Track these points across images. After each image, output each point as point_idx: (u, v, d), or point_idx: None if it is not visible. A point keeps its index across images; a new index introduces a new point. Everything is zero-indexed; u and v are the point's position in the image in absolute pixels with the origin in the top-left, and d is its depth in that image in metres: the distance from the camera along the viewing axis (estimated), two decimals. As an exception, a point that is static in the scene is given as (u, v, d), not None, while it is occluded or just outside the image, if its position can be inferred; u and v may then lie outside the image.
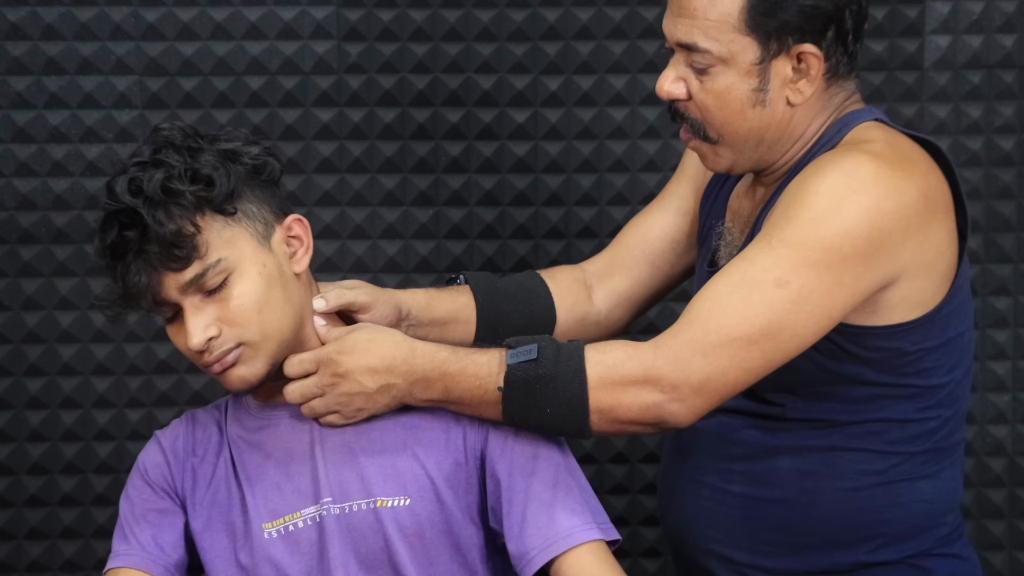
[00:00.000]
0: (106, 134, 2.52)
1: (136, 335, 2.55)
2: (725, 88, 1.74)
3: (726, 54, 1.72)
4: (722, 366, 1.66)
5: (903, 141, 1.77)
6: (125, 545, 1.76)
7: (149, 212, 1.62)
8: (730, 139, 1.78)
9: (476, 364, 1.69)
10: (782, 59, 1.73)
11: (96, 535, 2.57)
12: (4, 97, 2.50)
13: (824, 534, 1.81)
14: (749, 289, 1.66)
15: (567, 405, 1.67)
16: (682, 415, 1.67)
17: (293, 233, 1.74)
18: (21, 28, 2.49)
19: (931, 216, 1.72)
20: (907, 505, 1.80)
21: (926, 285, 1.74)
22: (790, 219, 1.68)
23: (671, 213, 2.05)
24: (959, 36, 2.53)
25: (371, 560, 1.69)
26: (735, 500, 1.84)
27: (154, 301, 1.66)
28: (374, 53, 2.53)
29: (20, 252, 2.53)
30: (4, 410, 2.55)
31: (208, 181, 1.64)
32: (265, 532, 1.71)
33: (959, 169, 2.48)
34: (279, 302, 1.69)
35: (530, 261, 2.56)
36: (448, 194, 2.56)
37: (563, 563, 1.67)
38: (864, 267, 1.67)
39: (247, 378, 1.69)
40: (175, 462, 1.79)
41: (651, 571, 2.61)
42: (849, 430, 1.79)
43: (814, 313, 1.66)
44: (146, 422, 2.56)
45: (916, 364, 1.77)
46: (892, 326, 1.74)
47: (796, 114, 1.78)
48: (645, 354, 1.67)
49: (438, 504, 1.71)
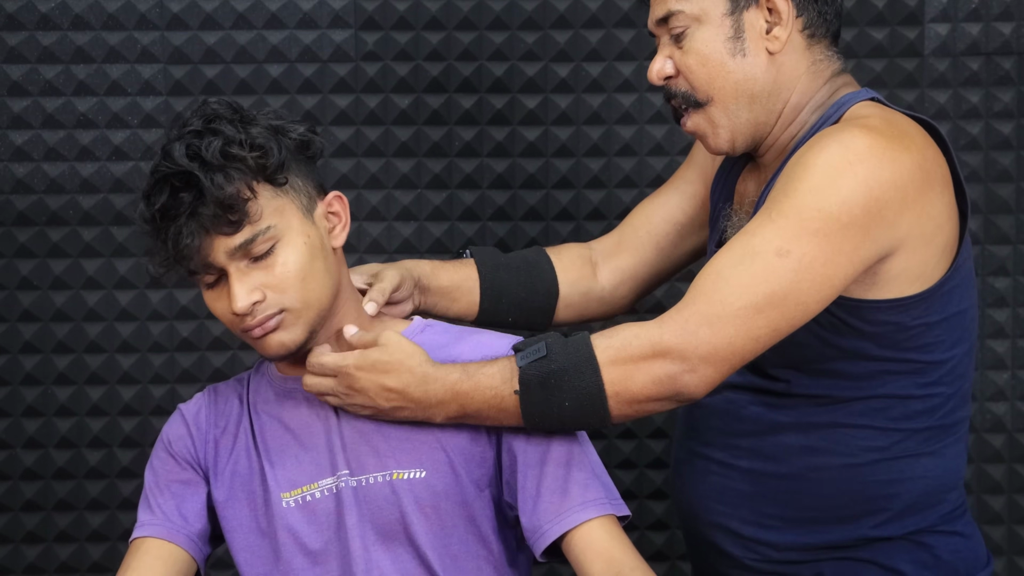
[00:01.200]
0: (131, 120, 2.58)
1: (160, 314, 2.61)
2: (702, 43, 1.81)
3: (697, 11, 1.81)
4: (728, 335, 1.68)
5: (900, 118, 1.80)
6: (150, 515, 1.80)
7: (207, 175, 1.66)
8: (719, 96, 1.82)
9: (488, 376, 1.71)
10: (753, 10, 1.81)
11: (121, 507, 2.62)
12: (34, 85, 2.57)
13: (828, 509, 1.83)
14: (752, 260, 1.69)
15: (584, 393, 1.69)
16: (695, 385, 1.69)
17: (333, 209, 1.78)
18: (51, 18, 2.56)
19: (928, 188, 1.74)
20: (910, 481, 1.82)
21: (926, 258, 1.76)
22: (788, 192, 1.71)
23: (677, 196, 2.10)
24: (958, 24, 2.58)
25: (387, 531, 1.73)
26: (742, 475, 1.87)
27: (199, 264, 1.69)
28: (390, 41, 2.59)
29: (48, 234, 2.59)
30: (33, 386, 2.61)
31: (263, 150, 1.69)
32: (283, 502, 1.75)
33: (959, 153, 2.56)
34: (320, 272, 1.73)
35: (540, 242, 2.60)
36: (461, 177, 2.62)
37: (575, 536, 1.70)
38: (863, 236, 1.70)
39: (287, 343, 1.72)
40: (198, 434, 1.83)
41: (658, 543, 2.65)
42: (852, 406, 1.81)
43: (816, 282, 1.69)
44: (169, 398, 2.61)
45: (918, 339, 1.79)
46: (893, 300, 1.76)
47: (782, 67, 1.83)
48: (651, 330, 1.70)
49: (453, 476, 1.74)
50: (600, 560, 1.68)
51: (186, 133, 1.70)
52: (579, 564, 1.70)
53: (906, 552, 1.84)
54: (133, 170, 2.59)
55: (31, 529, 2.62)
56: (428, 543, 1.73)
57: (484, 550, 1.76)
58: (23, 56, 2.57)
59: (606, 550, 1.69)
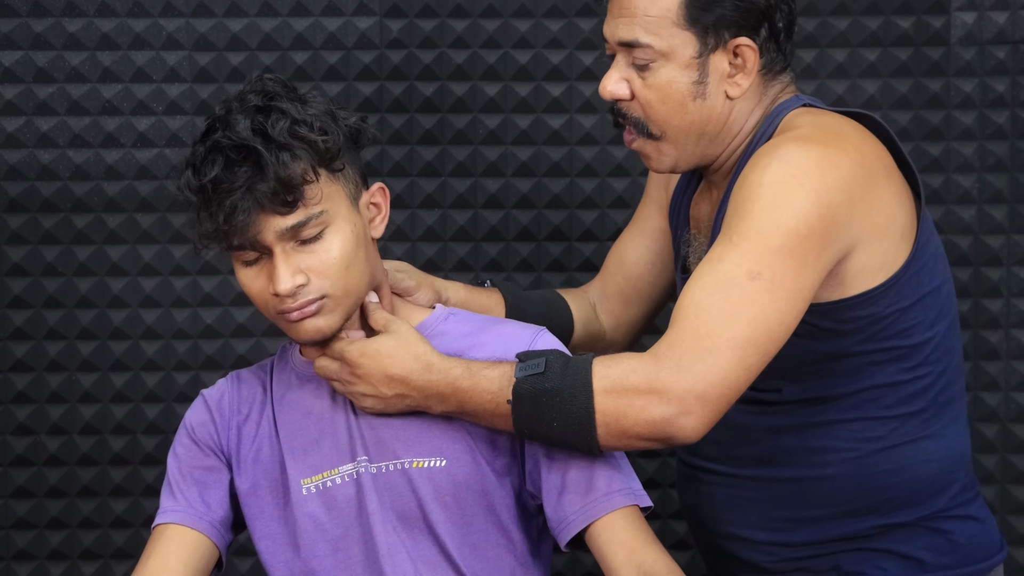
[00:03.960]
0: (156, 107, 2.59)
1: (184, 301, 2.62)
2: (667, 82, 1.80)
3: (667, 48, 1.79)
4: (723, 368, 1.65)
5: (831, 119, 1.81)
6: (172, 502, 1.81)
7: (272, 153, 1.64)
8: (672, 133, 1.83)
9: (487, 379, 1.70)
10: (719, 54, 1.80)
11: (145, 493, 2.63)
12: (60, 71, 2.58)
13: (836, 505, 1.85)
14: (727, 288, 1.67)
15: (574, 418, 1.67)
16: (691, 428, 1.66)
17: (375, 200, 1.78)
18: (77, 5, 2.57)
19: (873, 183, 1.76)
20: (915, 467, 1.83)
21: (883, 249, 1.77)
22: (743, 215, 1.71)
23: (641, 236, 2.12)
24: (984, 12, 2.57)
25: (407, 518, 1.73)
26: (746, 483, 1.89)
27: (245, 240, 1.67)
28: (415, 29, 2.59)
29: (73, 220, 2.60)
30: (58, 372, 2.62)
31: (327, 135, 1.68)
32: (303, 488, 1.75)
33: (984, 142, 2.57)
34: (362, 261, 1.72)
35: (564, 230, 2.62)
36: (485, 165, 2.62)
37: (598, 527, 1.70)
38: (822, 244, 1.70)
39: (323, 329, 1.71)
40: (220, 420, 1.83)
41: (680, 533, 2.65)
42: (845, 402, 1.82)
43: (791, 298, 1.68)
44: (193, 384, 2.62)
45: (895, 326, 1.80)
46: (861, 295, 1.77)
47: (735, 108, 1.84)
48: (648, 366, 1.66)
49: (475, 466, 1.74)
50: (623, 551, 1.68)
51: (248, 107, 1.68)
52: (602, 554, 1.70)
53: (923, 539, 1.84)
54: (158, 157, 2.60)
55: (55, 515, 2.63)
56: (447, 531, 1.73)
57: (504, 539, 1.76)
58: (49, 43, 2.57)
59: (629, 541, 1.69)
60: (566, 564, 2.63)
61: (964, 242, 2.59)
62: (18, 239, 2.60)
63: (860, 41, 2.59)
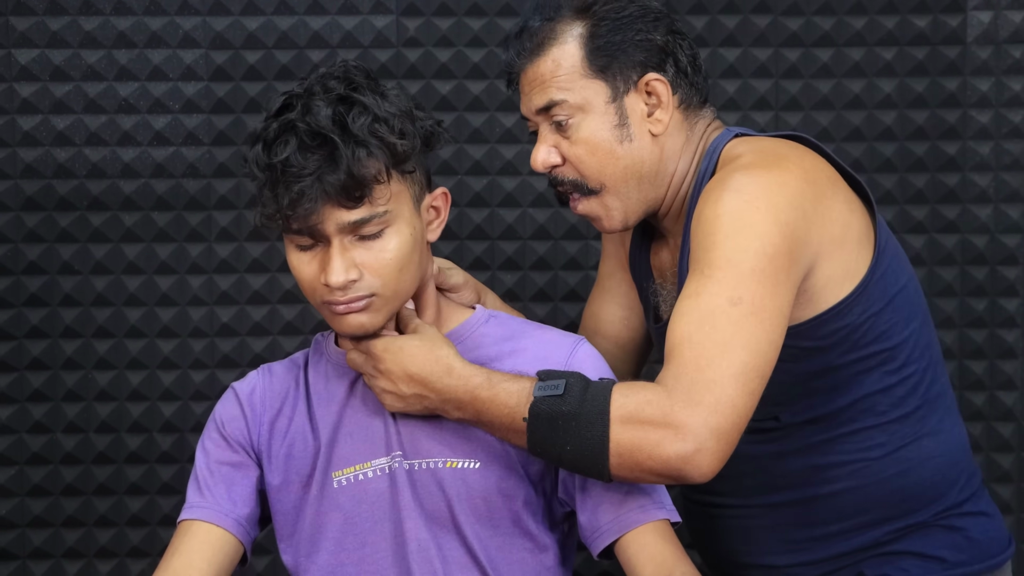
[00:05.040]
0: (172, 105, 2.59)
1: (200, 299, 2.62)
2: (590, 133, 1.85)
3: (581, 100, 1.84)
4: (730, 397, 1.64)
5: (768, 143, 1.85)
6: (199, 497, 1.80)
7: (350, 147, 1.63)
8: (611, 183, 1.86)
9: (507, 392, 1.70)
10: (633, 95, 1.85)
11: (161, 491, 2.63)
12: (76, 70, 2.58)
13: (851, 517, 1.86)
14: (712, 318, 1.67)
15: (588, 445, 1.66)
16: (707, 465, 1.64)
17: (435, 204, 1.77)
18: (94, 4, 2.57)
19: (821, 195, 1.78)
20: (919, 466, 1.86)
21: (844, 257, 1.80)
22: (708, 247, 1.72)
23: (608, 295, 2.15)
24: (1000, 11, 2.58)
25: (436, 517, 1.73)
26: (758, 511, 1.90)
27: (305, 227, 1.66)
28: (431, 27, 2.59)
29: (90, 218, 2.60)
30: (74, 371, 2.62)
31: (405, 138, 1.67)
32: (335, 480, 1.75)
33: (1000, 141, 2.58)
34: (415, 265, 1.72)
35: (581, 229, 2.62)
36: (502, 164, 2.62)
37: (629, 538, 1.71)
38: (789, 261, 1.72)
39: (366, 326, 1.71)
40: (252, 415, 1.82)
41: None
42: (842, 416, 1.85)
43: (772, 317, 1.69)
44: (209, 383, 2.62)
45: (871, 332, 1.82)
46: (832, 307, 1.80)
47: (665, 146, 1.87)
48: (663, 399, 1.65)
49: (509, 470, 1.74)
50: (652, 563, 1.69)
51: (330, 95, 1.66)
52: (631, 566, 1.71)
53: (940, 537, 1.86)
54: (174, 155, 2.60)
55: (71, 513, 2.63)
56: (475, 533, 1.74)
57: (531, 544, 1.76)
58: (65, 41, 2.57)
59: (659, 553, 1.70)
60: (582, 564, 2.63)
61: (980, 241, 2.59)
62: (34, 237, 2.60)
63: (876, 40, 2.59)
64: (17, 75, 2.58)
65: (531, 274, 2.63)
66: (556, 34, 1.86)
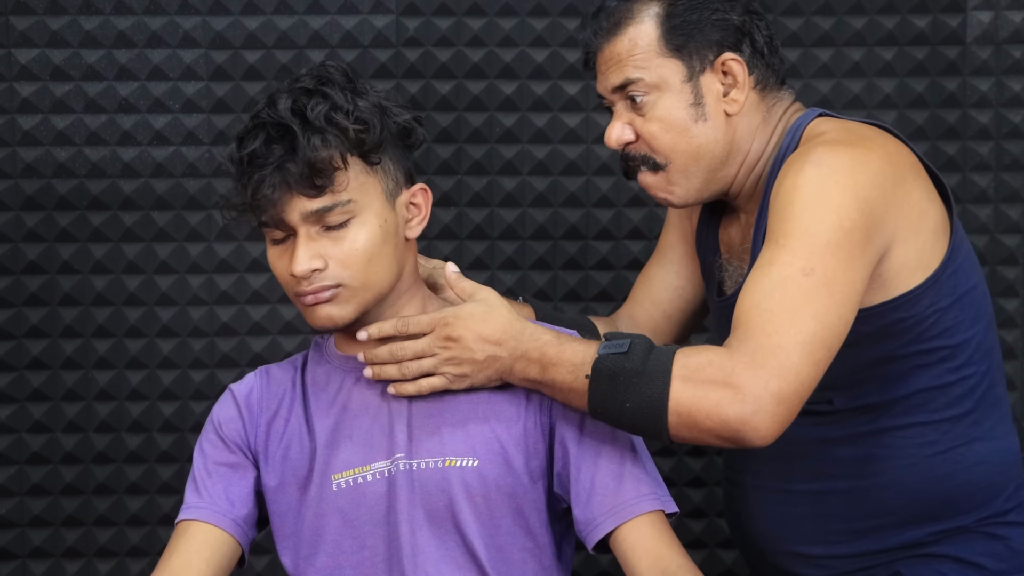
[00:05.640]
0: (172, 105, 2.59)
1: (200, 298, 2.62)
2: (665, 111, 1.86)
3: (657, 79, 1.85)
4: (795, 365, 1.66)
5: (852, 124, 1.87)
6: (197, 498, 1.80)
7: (305, 134, 1.67)
8: (679, 160, 1.87)
9: (573, 351, 1.72)
10: (709, 75, 1.86)
11: (161, 491, 2.62)
12: (76, 69, 2.58)
13: (893, 513, 1.85)
14: (783, 287, 1.69)
15: (647, 402, 1.67)
16: (765, 429, 1.65)
17: (415, 200, 1.79)
18: (94, 3, 2.57)
19: (902, 179, 1.79)
20: (968, 469, 1.84)
21: (919, 245, 1.80)
22: (785, 218, 1.73)
23: (666, 264, 2.16)
24: (1001, 11, 2.58)
25: (436, 517, 1.73)
26: (801, 498, 1.89)
27: (271, 218, 1.70)
28: (431, 27, 2.59)
29: (90, 218, 2.59)
30: (73, 370, 2.61)
31: (366, 125, 1.70)
32: (334, 483, 1.75)
33: (1000, 141, 2.58)
34: (388, 258, 1.74)
35: (580, 228, 2.62)
36: (501, 164, 2.62)
37: (624, 531, 1.71)
38: (865, 238, 1.73)
39: (335, 318, 1.73)
40: (249, 416, 1.83)
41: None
42: (895, 408, 1.84)
43: (844, 291, 1.70)
44: (209, 382, 2.62)
45: (937, 326, 1.82)
46: (903, 295, 1.80)
47: (739, 126, 1.88)
48: (725, 360, 1.67)
49: (506, 467, 1.74)
50: (648, 555, 1.69)
51: (296, 88, 1.71)
52: (626, 558, 1.71)
53: (981, 544, 1.85)
54: (174, 155, 2.60)
55: (71, 513, 2.63)
56: (475, 532, 1.74)
57: (531, 543, 1.76)
58: (65, 41, 2.57)
59: (654, 546, 1.70)
60: (582, 563, 2.63)
61: (980, 241, 2.59)
62: (34, 237, 2.60)
63: (876, 40, 2.59)
64: (17, 74, 2.58)
65: (531, 274, 2.63)
66: (633, 13, 1.87)
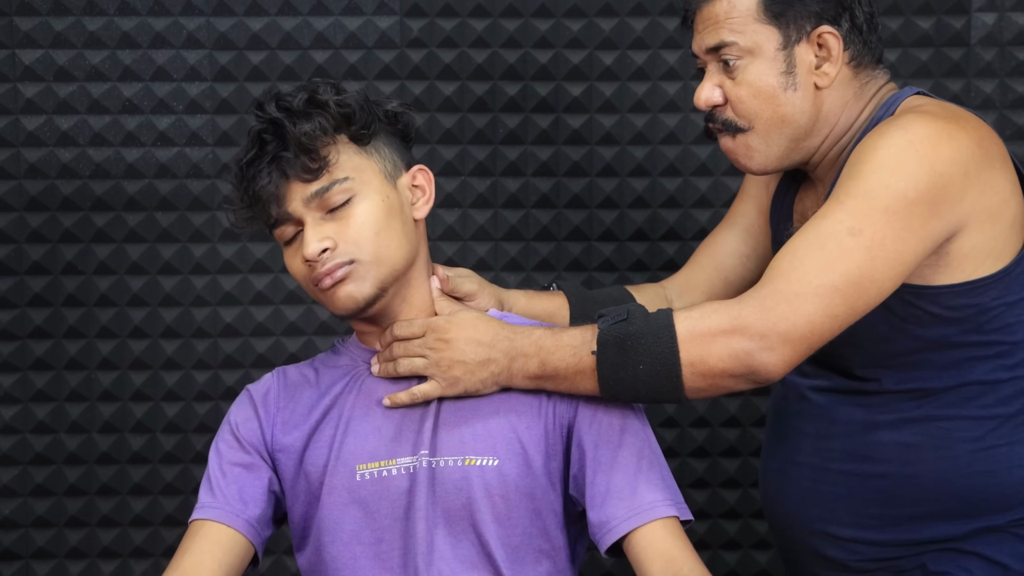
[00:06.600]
0: (176, 106, 2.59)
1: (203, 299, 2.62)
2: (756, 76, 1.85)
3: (752, 44, 1.85)
4: (808, 312, 1.70)
5: (952, 105, 1.86)
6: (211, 498, 1.80)
7: (290, 120, 1.72)
8: (761, 126, 1.87)
9: (570, 336, 1.75)
10: (803, 46, 1.85)
11: (164, 492, 2.63)
12: (80, 70, 2.58)
13: (928, 504, 1.85)
14: (825, 241, 1.72)
15: (660, 359, 1.71)
16: (773, 364, 1.70)
17: (417, 182, 1.82)
18: (98, 4, 2.57)
19: (989, 164, 1.78)
20: (1008, 470, 1.83)
21: (995, 233, 1.79)
22: (854, 176, 1.75)
23: (737, 230, 2.15)
24: (1005, 13, 2.58)
25: (454, 515, 1.73)
26: (837, 477, 1.89)
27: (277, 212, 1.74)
28: (435, 28, 2.59)
29: (93, 219, 2.59)
30: (77, 371, 2.62)
31: (349, 106, 1.75)
32: (358, 473, 1.76)
33: (1005, 143, 2.55)
34: (397, 232, 1.76)
35: (584, 230, 2.62)
36: (505, 165, 2.62)
37: (637, 535, 1.71)
38: (930, 213, 1.73)
39: (355, 295, 1.74)
40: (265, 417, 1.83)
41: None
42: (944, 397, 1.83)
43: (888, 259, 1.72)
44: (212, 383, 2.62)
45: (999, 320, 1.81)
46: (970, 282, 1.79)
47: (826, 101, 1.87)
48: (731, 307, 1.72)
49: (525, 468, 1.75)
50: (660, 560, 1.69)
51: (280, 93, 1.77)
52: (639, 563, 1.71)
53: (1009, 545, 1.84)
54: (178, 156, 2.60)
55: (74, 514, 2.63)
56: (491, 532, 1.74)
57: (546, 544, 1.77)
58: (69, 41, 2.57)
59: (667, 551, 1.70)
60: (586, 564, 2.63)
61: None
62: (38, 237, 2.60)
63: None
64: (21, 75, 2.58)
65: (534, 275, 2.63)
66: None
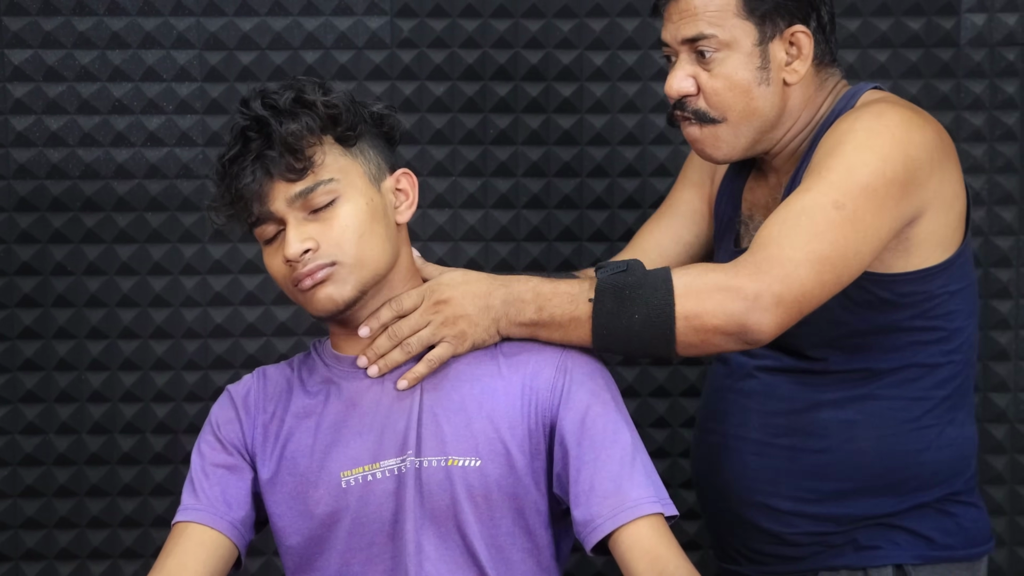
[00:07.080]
0: (166, 106, 2.59)
1: (193, 300, 2.61)
2: (732, 70, 1.90)
3: (730, 38, 1.89)
4: (800, 277, 1.75)
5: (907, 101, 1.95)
6: (194, 499, 1.80)
7: (276, 119, 1.71)
8: (733, 118, 1.91)
9: (568, 284, 1.80)
10: (776, 43, 1.90)
11: (154, 493, 2.62)
12: (70, 70, 2.58)
13: (861, 480, 1.92)
14: (811, 213, 1.78)
15: (655, 309, 1.75)
16: (765, 324, 1.75)
17: (401, 186, 1.82)
18: (87, 4, 2.57)
19: (947, 155, 1.88)
20: (937, 449, 1.92)
21: (947, 222, 1.88)
22: (832, 154, 1.82)
23: (679, 218, 2.18)
24: (994, 14, 2.58)
25: (438, 516, 1.73)
26: (779, 452, 1.95)
27: (259, 210, 1.72)
28: (425, 28, 2.59)
29: (83, 219, 2.59)
30: (67, 372, 2.61)
31: (336, 107, 1.74)
32: (343, 480, 1.75)
33: (994, 144, 2.59)
34: (379, 236, 1.75)
35: (575, 230, 2.62)
36: (496, 165, 2.62)
37: (623, 533, 1.70)
38: (901, 193, 1.81)
39: (335, 298, 1.73)
40: (246, 417, 1.83)
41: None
42: (886, 378, 1.91)
43: (868, 233, 1.79)
44: (202, 384, 2.62)
45: (943, 307, 1.90)
46: (922, 270, 1.87)
47: (792, 96, 1.93)
48: (727, 268, 1.78)
49: (507, 468, 1.74)
50: (647, 557, 1.69)
51: (266, 91, 1.75)
52: (624, 560, 1.71)
53: (934, 519, 1.93)
54: (168, 156, 2.60)
55: (64, 515, 2.63)
56: (475, 532, 1.74)
57: (530, 543, 1.76)
58: (59, 41, 2.57)
59: (653, 548, 1.70)
60: (576, 564, 2.63)
61: (974, 243, 2.59)
62: (27, 238, 2.59)
63: (870, 42, 2.60)
64: (10, 75, 2.57)
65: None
66: None
